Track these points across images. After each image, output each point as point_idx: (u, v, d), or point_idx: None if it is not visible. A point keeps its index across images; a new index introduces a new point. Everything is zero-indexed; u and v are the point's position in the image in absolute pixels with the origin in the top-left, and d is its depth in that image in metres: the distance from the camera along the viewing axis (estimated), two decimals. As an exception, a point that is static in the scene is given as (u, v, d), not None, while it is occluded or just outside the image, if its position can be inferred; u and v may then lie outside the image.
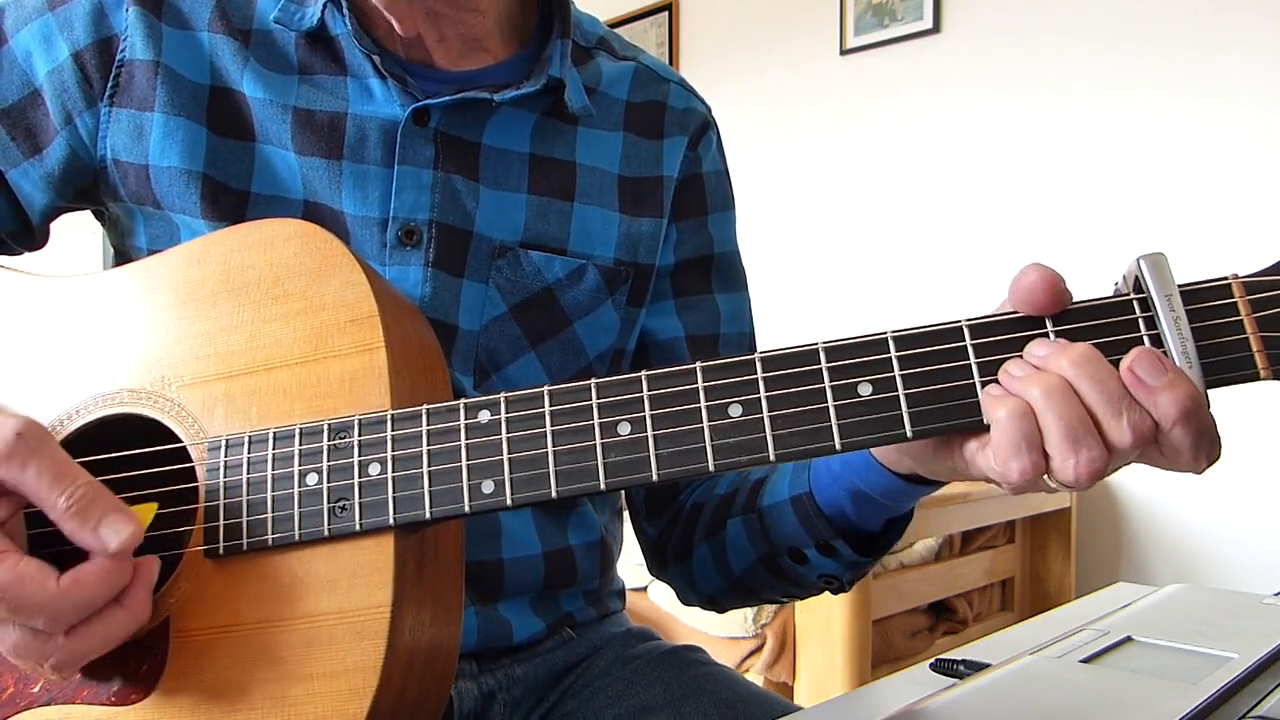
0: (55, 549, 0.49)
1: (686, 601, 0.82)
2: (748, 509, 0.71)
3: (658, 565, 0.83)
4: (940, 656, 0.60)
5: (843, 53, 2.92)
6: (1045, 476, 0.45)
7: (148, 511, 0.53)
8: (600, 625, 0.80)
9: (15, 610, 0.45)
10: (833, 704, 0.56)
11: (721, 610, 0.81)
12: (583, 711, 0.72)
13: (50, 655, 0.47)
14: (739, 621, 1.83)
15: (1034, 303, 0.46)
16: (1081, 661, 0.56)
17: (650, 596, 1.95)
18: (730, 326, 0.82)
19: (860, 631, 1.76)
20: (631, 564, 0.85)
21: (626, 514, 0.86)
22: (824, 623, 1.78)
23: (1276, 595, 0.74)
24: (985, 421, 0.46)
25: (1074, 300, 0.47)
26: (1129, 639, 0.61)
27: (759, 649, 1.85)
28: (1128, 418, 0.43)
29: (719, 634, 1.86)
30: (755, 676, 1.83)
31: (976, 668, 0.57)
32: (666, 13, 3.40)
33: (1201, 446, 0.44)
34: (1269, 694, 0.50)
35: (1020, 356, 0.46)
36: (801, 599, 0.77)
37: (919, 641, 2.08)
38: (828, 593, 0.72)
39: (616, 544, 0.83)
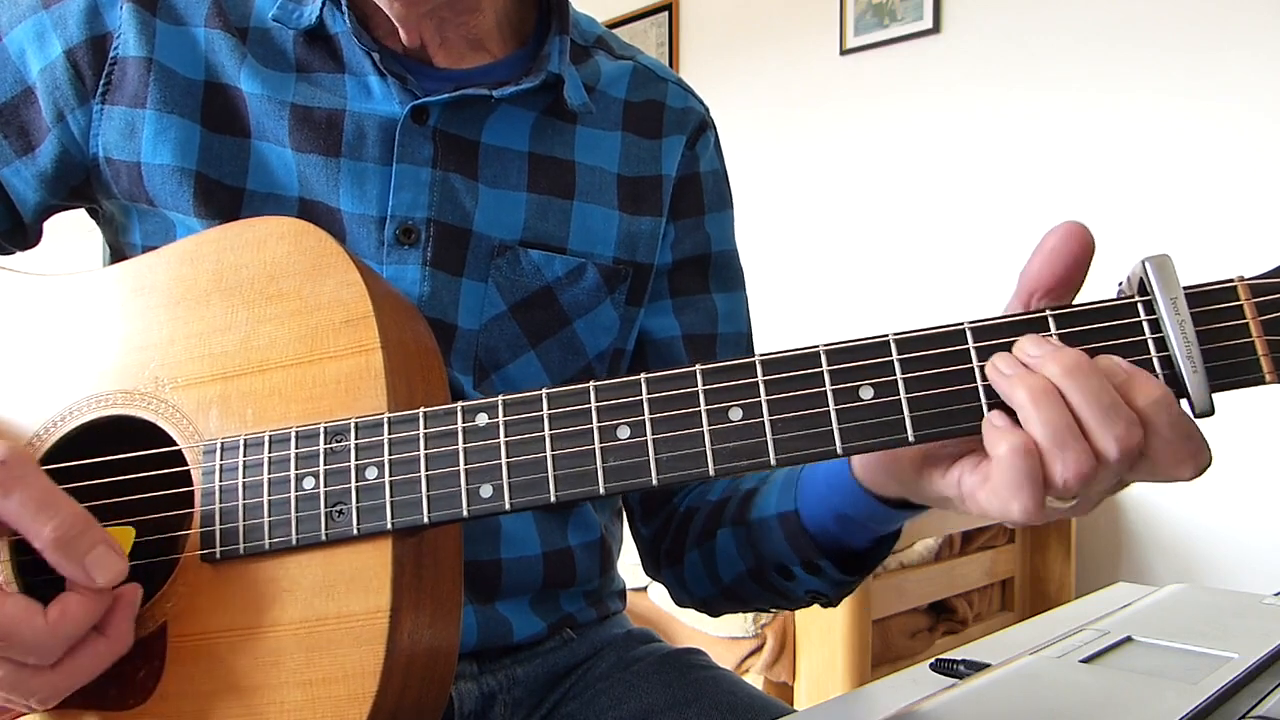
0: (40, 577, 0.49)
1: (680, 602, 0.82)
2: (737, 520, 0.70)
3: (651, 565, 0.83)
4: (940, 656, 0.60)
5: (843, 53, 2.92)
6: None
7: (126, 536, 0.52)
8: (601, 626, 0.80)
9: (7, 647, 0.45)
10: (833, 704, 0.56)
11: (714, 614, 0.80)
12: (584, 713, 0.72)
13: (35, 691, 0.47)
14: (739, 622, 1.83)
15: (1070, 252, 0.45)
16: (1081, 661, 0.56)
17: (650, 596, 1.95)
18: (728, 326, 0.82)
19: (860, 631, 1.76)
20: (631, 564, 0.85)
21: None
22: (824, 623, 1.78)
23: (1276, 595, 0.74)
24: (988, 449, 0.44)
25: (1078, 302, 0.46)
26: (1129, 639, 0.61)
27: (759, 649, 1.85)
28: (1115, 429, 0.42)
29: (719, 634, 1.86)
30: (755, 677, 1.83)
31: (976, 668, 0.57)
32: (666, 13, 3.40)
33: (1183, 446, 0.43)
34: (1269, 694, 0.50)
35: (1009, 352, 0.45)
36: (791, 610, 0.76)
37: (919, 641, 2.07)
38: (818, 605, 0.72)
39: (616, 544, 0.83)
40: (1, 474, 0.46)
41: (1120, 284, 0.47)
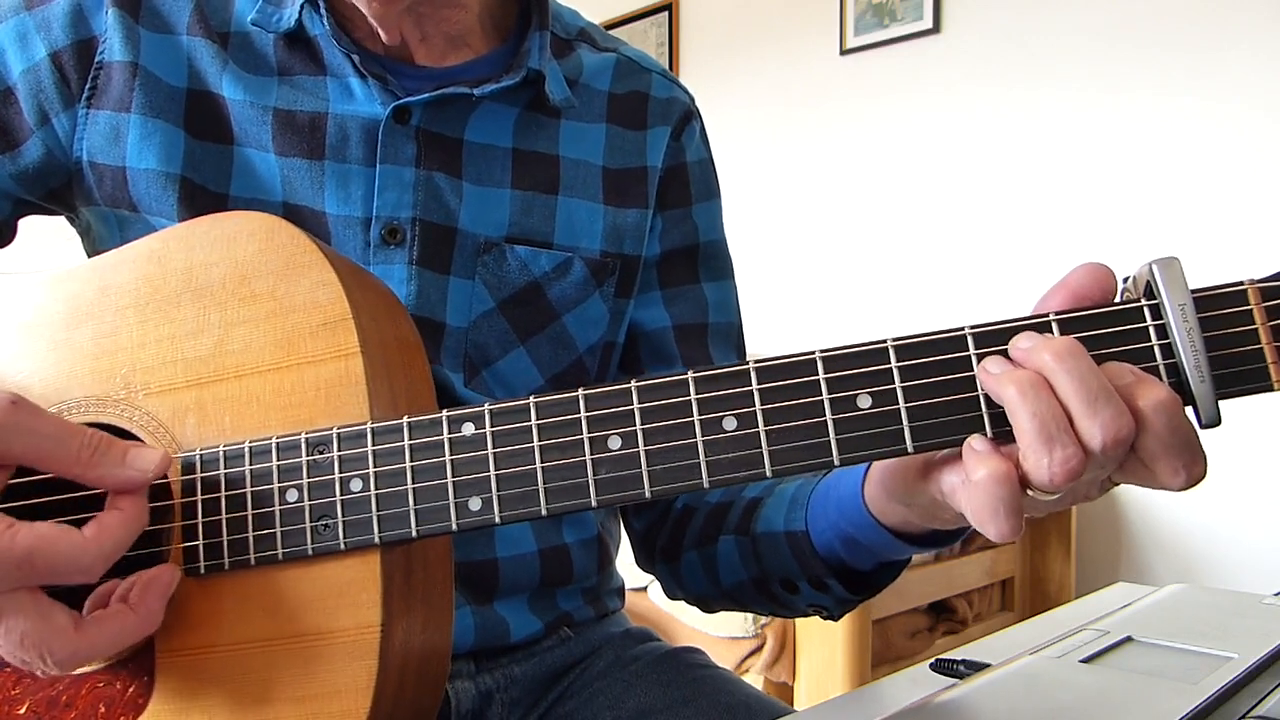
0: None
1: (672, 596, 0.81)
2: (740, 530, 0.70)
3: (645, 559, 0.83)
4: (940, 656, 0.60)
5: (843, 53, 2.92)
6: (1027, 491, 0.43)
7: None
8: (599, 625, 0.80)
9: (50, 572, 0.44)
10: (833, 704, 0.56)
11: (709, 611, 0.80)
12: (582, 713, 0.72)
13: (55, 650, 0.46)
14: (739, 622, 1.83)
15: (1091, 298, 0.44)
16: (1081, 661, 0.56)
17: (650, 596, 1.95)
18: (718, 316, 0.81)
19: (860, 631, 1.76)
20: (630, 563, 0.85)
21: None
22: (824, 623, 1.77)
23: (1276, 595, 0.74)
24: (967, 474, 0.43)
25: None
26: (1129, 639, 0.60)
27: (759, 649, 1.84)
28: (1102, 415, 0.41)
29: (719, 634, 1.86)
30: (755, 677, 1.83)
31: (976, 668, 0.57)
32: (666, 13, 3.40)
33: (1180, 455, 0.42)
34: (1269, 694, 0.50)
35: (1003, 352, 0.44)
36: (790, 618, 0.76)
37: (919, 641, 2.07)
38: (818, 618, 0.72)
39: (614, 541, 0.83)
40: (16, 412, 0.45)
41: (1125, 283, 0.46)
